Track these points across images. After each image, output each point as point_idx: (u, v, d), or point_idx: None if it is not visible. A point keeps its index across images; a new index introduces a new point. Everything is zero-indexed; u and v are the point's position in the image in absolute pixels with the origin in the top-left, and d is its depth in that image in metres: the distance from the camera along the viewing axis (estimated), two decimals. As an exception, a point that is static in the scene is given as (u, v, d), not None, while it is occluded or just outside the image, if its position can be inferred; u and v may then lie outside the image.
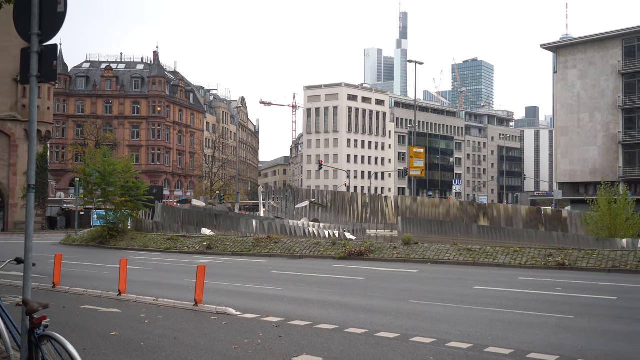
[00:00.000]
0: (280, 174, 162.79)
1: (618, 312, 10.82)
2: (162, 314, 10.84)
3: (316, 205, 40.45)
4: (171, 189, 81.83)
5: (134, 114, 79.70)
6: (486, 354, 7.70)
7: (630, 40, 60.65)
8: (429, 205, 37.84)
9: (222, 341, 8.56)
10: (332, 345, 8.19)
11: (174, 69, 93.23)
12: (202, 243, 28.70)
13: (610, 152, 61.53)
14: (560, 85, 65.58)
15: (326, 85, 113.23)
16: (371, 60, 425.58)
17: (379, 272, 18.52)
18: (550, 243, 26.23)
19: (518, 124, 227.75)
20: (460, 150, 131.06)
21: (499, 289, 14.39)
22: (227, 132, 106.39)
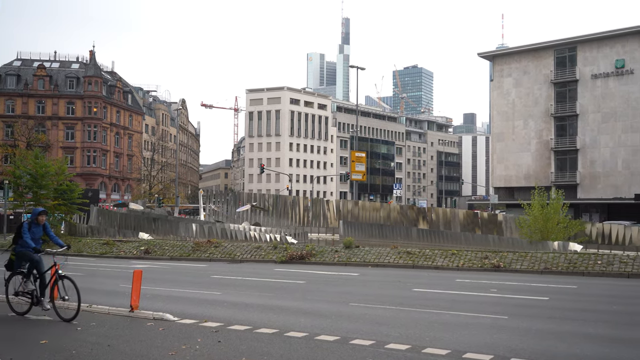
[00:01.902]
0: (221, 178, 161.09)
1: (550, 312, 11.19)
2: (95, 320, 10.46)
3: (258, 209, 40.19)
4: (108, 192, 79.56)
5: (69, 115, 77.07)
6: (424, 354, 7.80)
7: (562, 51, 63.32)
8: (370, 209, 38.24)
9: (159, 347, 8.33)
10: (271, 350, 8.11)
11: (112, 69, 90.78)
12: (139, 247, 28.00)
13: (543, 158, 63.99)
14: (496, 93, 67.76)
15: (268, 89, 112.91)
16: (314, 64, 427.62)
17: (320, 276, 18.53)
18: (486, 246, 26.96)
19: (456, 130, 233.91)
20: (400, 155, 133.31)
21: (437, 291, 14.65)
22: (166, 134, 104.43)
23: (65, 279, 10.27)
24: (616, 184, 58.92)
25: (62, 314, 10.25)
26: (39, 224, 10.78)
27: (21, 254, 10.65)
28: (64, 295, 10.24)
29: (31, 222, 10.74)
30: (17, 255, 10.72)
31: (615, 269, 18.03)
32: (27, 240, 10.47)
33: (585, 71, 61.32)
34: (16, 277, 10.82)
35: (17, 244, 10.73)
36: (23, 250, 10.61)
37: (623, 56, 59.07)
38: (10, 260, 10.88)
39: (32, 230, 10.63)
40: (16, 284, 10.79)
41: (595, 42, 61.04)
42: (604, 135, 59.95)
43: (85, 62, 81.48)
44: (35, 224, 10.73)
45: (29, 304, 10.65)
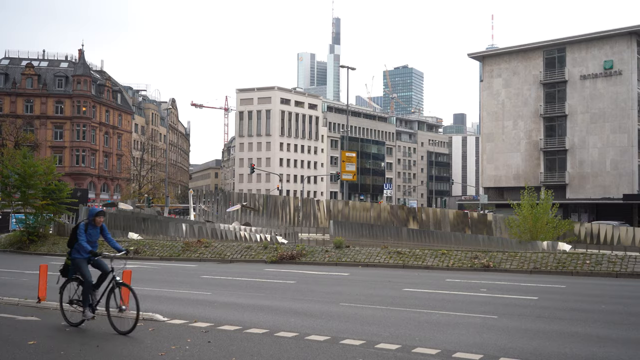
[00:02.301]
0: (211, 177, 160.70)
1: (538, 312, 11.24)
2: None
3: (248, 209, 40.09)
4: (97, 192, 79.13)
5: (57, 114, 76.58)
6: (414, 354, 7.82)
7: (551, 51, 63.70)
8: (361, 209, 38.25)
9: (148, 348, 8.29)
10: (262, 350, 8.10)
11: (101, 68, 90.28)
12: (128, 247, 27.82)
13: (532, 158, 64.34)
14: (486, 94, 68.05)
15: (259, 89, 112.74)
16: (304, 64, 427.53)
17: (310, 276, 18.53)
18: (476, 246, 27.05)
19: (446, 130, 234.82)
20: (391, 155, 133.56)
21: (427, 290, 14.69)
22: (156, 134, 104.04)
23: (123, 287, 9.50)
24: (604, 184, 59.35)
25: (118, 325, 9.28)
26: (96, 225, 9.89)
27: (76, 267, 9.80)
28: (121, 304, 9.36)
29: (88, 223, 9.83)
30: (73, 263, 9.87)
31: (604, 268, 18.15)
32: (83, 243, 9.59)
33: (574, 72, 61.72)
34: (71, 284, 10.02)
35: (73, 248, 9.89)
36: (79, 263, 9.75)
37: (611, 57, 59.52)
38: (65, 266, 10.02)
39: (89, 233, 9.75)
40: (71, 292, 9.96)
41: (584, 43, 61.46)
42: (593, 136, 60.38)
43: (74, 61, 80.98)
44: (92, 225, 9.85)
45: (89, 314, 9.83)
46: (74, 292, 9.92)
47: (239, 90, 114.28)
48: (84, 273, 9.67)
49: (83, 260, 9.72)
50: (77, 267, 9.78)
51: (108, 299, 9.48)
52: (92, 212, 9.94)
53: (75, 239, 9.79)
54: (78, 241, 9.66)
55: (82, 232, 9.67)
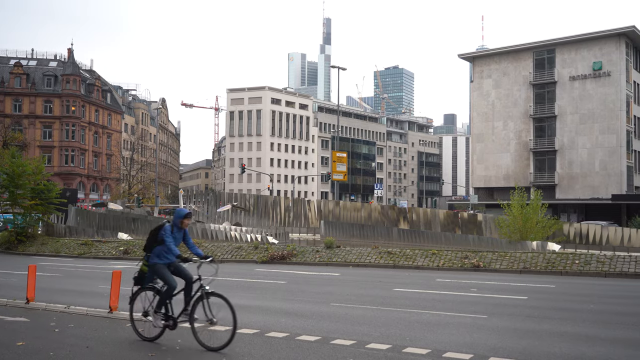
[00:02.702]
0: (202, 177, 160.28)
1: (528, 311, 11.30)
2: (73, 322, 10.34)
3: (238, 209, 39.99)
4: (86, 192, 78.68)
5: (46, 114, 76.06)
6: (404, 354, 7.84)
7: (541, 52, 64.05)
8: (351, 209, 38.28)
9: (138, 349, 8.26)
10: (252, 350, 8.09)
11: (90, 68, 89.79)
12: (118, 248, 27.73)
13: (522, 158, 64.66)
14: (476, 94, 68.31)
15: (249, 88, 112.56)
16: (295, 64, 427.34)
17: (301, 276, 18.52)
18: (466, 246, 27.16)
19: (437, 130, 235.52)
20: (381, 155, 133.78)
21: (418, 290, 14.72)
22: (146, 133, 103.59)
23: (213, 296, 8.27)
24: (593, 184, 59.75)
25: (206, 341, 8.19)
26: (181, 228, 8.71)
27: (157, 272, 8.65)
28: (211, 316, 8.19)
29: (174, 225, 8.66)
30: (152, 268, 8.71)
31: (593, 268, 18.28)
32: (171, 246, 8.44)
33: (563, 73, 62.09)
34: (146, 293, 8.87)
35: (151, 252, 8.72)
36: (160, 268, 8.61)
37: (600, 58, 59.94)
38: (141, 273, 8.87)
39: (174, 236, 8.60)
40: (146, 302, 8.81)
41: (573, 45, 61.85)
42: (582, 137, 60.77)
43: (64, 60, 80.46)
44: (177, 228, 8.67)
45: (162, 327, 8.66)
46: (149, 302, 8.80)
47: (229, 90, 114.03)
48: (168, 278, 8.55)
49: (164, 266, 8.64)
50: (156, 273, 8.66)
51: (193, 310, 8.36)
52: (179, 213, 8.70)
53: (153, 243, 8.70)
54: (165, 244, 8.47)
55: (169, 234, 8.53)
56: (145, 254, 8.82)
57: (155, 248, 8.66)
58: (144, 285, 8.87)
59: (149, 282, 8.81)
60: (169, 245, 8.46)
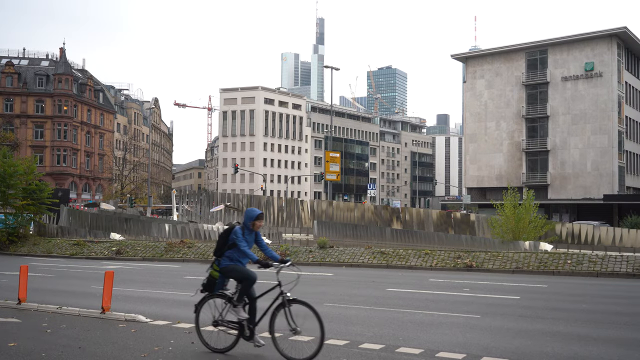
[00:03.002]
0: (195, 177, 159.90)
1: (520, 311, 11.33)
2: (66, 322, 10.28)
3: (231, 209, 39.95)
4: (78, 192, 78.33)
5: (38, 113, 75.66)
6: (397, 354, 7.84)
7: (533, 53, 64.32)
8: (344, 209, 38.31)
9: (131, 349, 8.22)
10: (245, 351, 8.07)
11: (82, 67, 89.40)
12: (111, 248, 27.63)
13: (515, 159, 64.91)
14: (469, 94, 68.52)
15: (243, 88, 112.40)
16: (288, 64, 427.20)
17: (294, 276, 18.45)
18: (459, 246, 27.25)
19: (430, 130, 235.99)
20: (374, 155, 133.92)
21: (411, 290, 14.74)
22: (139, 133, 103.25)
23: (295, 304, 7.62)
24: (585, 184, 60.05)
25: (289, 351, 7.59)
26: (253, 230, 8.04)
27: (231, 271, 7.96)
28: (294, 325, 7.55)
29: (244, 227, 8.00)
30: (223, 271, 7.99)
31: (585, 268, 18.36)
32: (246, 250, 7.82)
33: (555, 73, 62.37)
34: (215, 300, 8.12)
35: (222, 256, 8.03)
36: (233, 265, 7.97)
37: (592, 59, 60.24)
38: (210, 279, 8.11)
39: (245, 239, 7.95)
40: (215, 311, 8.07)
41: (565, 45, 62.14)
42: (574, 137, 61.06)
43: (56, 59, 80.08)
44: (248, 230, 8.00)
45: (235, 337, 7.98)
46: (219, 311, 8.05)
47: (222, 90, 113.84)
48: (246, 271, 7.91)
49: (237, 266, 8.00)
50: (232, 273, 7.96)
51: (273, 319, 7.69)
52: (251, 214, 8.00)
53: (224, 246, 8.04)
54: (238, 248, 7.84)
55: (240, 237, 7.88)
56: (215, 259, 8.15)
57: (226, 252, 8.01)
58: (213, 292, 8.11)
59: (219, 288, 8.09)
60: (244, 250, 7.81)
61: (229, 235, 7.99)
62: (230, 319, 7.97)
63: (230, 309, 7.94)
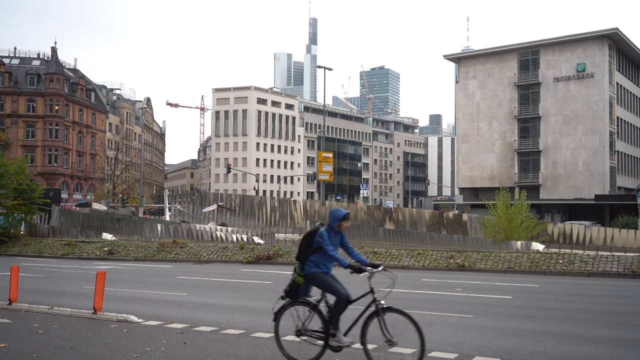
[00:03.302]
0: (187, 177, 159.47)
1: (513, 311, 11.37)
2: (57, 323, 10.24)
3: (224, 209, 39.88)
4: (70, 192, 77.96)
5: (29, 113, 75.22)
6: (390, 353, 7.83)
7: (525, 54, 64.58)
8: (337, 209, 38.32)
9: (123, 350, 8.19)
10: (238, 351, 8.06)
11: (74, 67, 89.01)
12: (102, 248, 27.52)
13: (507, 159, 65.14)
14: (461, 95, 68.71)
15: (235, 88, 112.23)
16: (281, 64, 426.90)
17: (287, 276, 18.36)
18: (452, 245, 27.32)
19: (422, 131, 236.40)
20: (367, 155, 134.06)
21: (403, 290, 14.75)
22: (131, 133, 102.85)
23: (391, 312, 7.11)
24: (577, 184, 60.35)
25: None
26: (339, 231, 7.39)
27: (318, 282, 7.33)
28: (390, 336, 6.95)
29: (330, 228, 7.34)
30: (309, 279, 7.37)
31: (576, 268, 18.45)
32: (334, 254, 7.16)
33: (547, 74, 62.64)
34: (297, 308, 7.49)
35: (306, 261, 7.40)
36: (321, 276, 7.33)
37: (584, 60, 60.56)
38: (294, 285, 7.47)
39: (331, 241, 7.29)
40: (297, 319, 7.45)
41: (557, 46, 62.43)
42: (566, 137, 61.35)
43: (47, 58, 79.67)
44: (334, 231, 7.34)
45: (321, 347, 7.32)
46: (303, 320, 7.44)
47: (215, 89, 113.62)
48: (336, 287, 7.27)
49: (326, 275, 7.38)
50: (319, 284, 7.34)
51: (365, 329, 7.16)
52: (337, 214, 7.37)
53: (307, 250, 7.39)
54: (325, 252, 7.21)
55: (327, 240, 7.21)
56: (298, 264, 7.50)
57: (311, 256, 7.33)
58: (297, 299, 7.49)
59: (303, 295, 7.47)
60: (332, 254, 7.16)
61: (312, 238, 7.34)
62: (314, 328, 7.34)
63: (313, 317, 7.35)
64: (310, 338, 7.39)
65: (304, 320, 7.41)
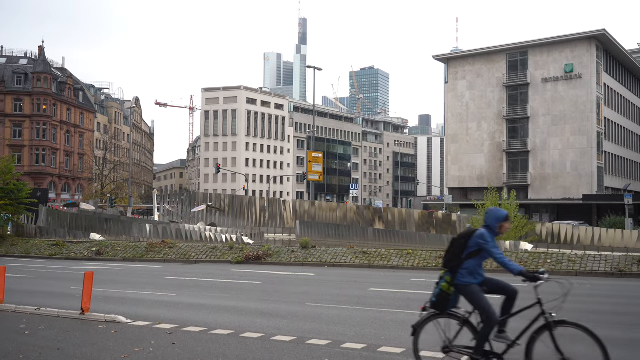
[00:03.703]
0: (176, 177, 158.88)
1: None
2: (44, 324, 10.15)
3: (213, 209, 39.76)
4: (57, 192, 77.39)
5: (16, 112, 74.57)
6: (379, 353, 7.86)
7: (514, 55, 64.92)
8: (327, 209, 38.34)
9: (111, 350, 8.13)
10: (227, 351, 8.03)
11: (62, 66, 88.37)
12: (90, 249, 27.35)
13: (496, 159, 65.44)
14: (450, 95, 68.95)
15: (225, 88, 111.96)
16: (271, 64, 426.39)
17: (276, 276, 18.47)
18: (441, 245, 27.38)
19: (412, 131, 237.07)
20: (357, 155, 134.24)
21: (393, 290, 14.78)
22: (119, 133, 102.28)
23: (564, 326, 6.35)
24: (565, 185, 60.74)
25: None
26: (499, 233, 6.57)
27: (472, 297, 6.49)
28: (565, 355, 6.15)
29: (490, 229, 6.52)
30: (462, 290, 6.55)
31: (564, 267, 18.57)
32: (502, 258, 6.38)
33: (536, 75, 63.01)
34: (443, 321, 6.72)
35: (458, 268, 6.55)
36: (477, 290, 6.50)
37: (572, 61, 60.97)
38: (443, 295, 6.65)
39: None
40: (442, 333, 6.69)
41: (545, 47, 62.81)
42: (554, 138, 61.73)
43: (34, 57, 79.04)
44: (494, 233, 6.54)
45: None
46: (448, 335, 6.66)
47: (204, 89, 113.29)
48: (486, 306, 6.44)
49: (480, 289, 6.54)
50: (470, 298, 6.49)
51: (531, 345, 6.35)
52: (497, 214, 6.54)
53: (460, 256, 6.53)
54: (494, 257, 6.40)
55: (492, 243, 6.40)
56: (444, 271, 6.69)
57: (465, 263, 6.49)
58: (445, 310, 6.68)
59: (452, 307, 6.67)
60: (501, 259, 6.33)
61: (468, 241, 6.48)
62: (465, 345, 6.57)
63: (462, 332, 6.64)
64: (458, 354, 6.64)
65: (453, 335, 6.64)
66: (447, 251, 6.68)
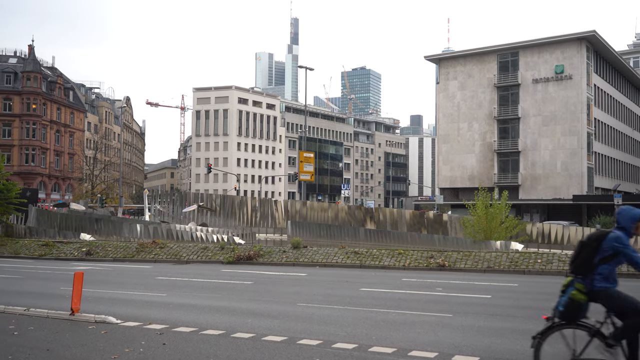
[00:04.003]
0: (167, 177, 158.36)
1: (492, 310, 11.47)
2: (34, 324, 10.09)
3: (205, 209, 39.65)
4: (47, 191, 76.90)
5: (6, 111, 74.01)
6: (370, 353, 7.87)
7: (505, 55, 65.18)
8: (318, 209, 38.33)
9: (101, 351, 8.10)
10: (218, 351, 8.01)
11: (52, 65, 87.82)
12: (81, 249, 27.20)
13: (487, 159, 65.68)
14: (442, 96, 69.14)
15: (216, 88, 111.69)
16: (262, 64, 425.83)
17: (268, 276, 18.45)
18: (432, 245, 27.44)
19: (403, 131, 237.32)
20: (348, 155, 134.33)
21: (384, 290, 14.81)
22: (110, 132, 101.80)
23: None
24: (555, 185, 61.05)
25: None
26: (635, 234, 6.07)
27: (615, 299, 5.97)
28: None
29: (624, 230, 6.02)
30: (602, 296, 6.02)
31: (554, 267, 18.66)
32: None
33: (526, 76, 63.29)
34: (570, 332, 6.15)
35: (592, 274, 6.04)
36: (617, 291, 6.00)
37: (562, 62, 61.29)
38: (573, 303, 6.07)
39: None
40: (572, 346, 6.09)
41: (536, 48, 63.10)
42: (544, 138, 62.03)
43: (24, 56, 78.50)
44: (629, 234, 6.04)
45: None
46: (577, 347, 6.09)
47: (195, 89, 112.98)
48: (635, 302, 5.90)
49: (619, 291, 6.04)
50: (611, 301, 5.97)
51: None
52: (632, 213, 6.00)
53: (592, 260, 6.04)
54: (632, 260, 5.90)
55: (631, 246, 5.96)
56: (573, 277, 6.20)
57: (599, 267, 6.00)
58: (574, 320, 6.12)
59: (582, 317, 6.12)
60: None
61: (600, 244, 5.99)
62: (595, 358, 5.97)
63: (601, 349, 5.95)
64: None
65: (581, 348, 6.07)
66: (576, 256, 6.19)
